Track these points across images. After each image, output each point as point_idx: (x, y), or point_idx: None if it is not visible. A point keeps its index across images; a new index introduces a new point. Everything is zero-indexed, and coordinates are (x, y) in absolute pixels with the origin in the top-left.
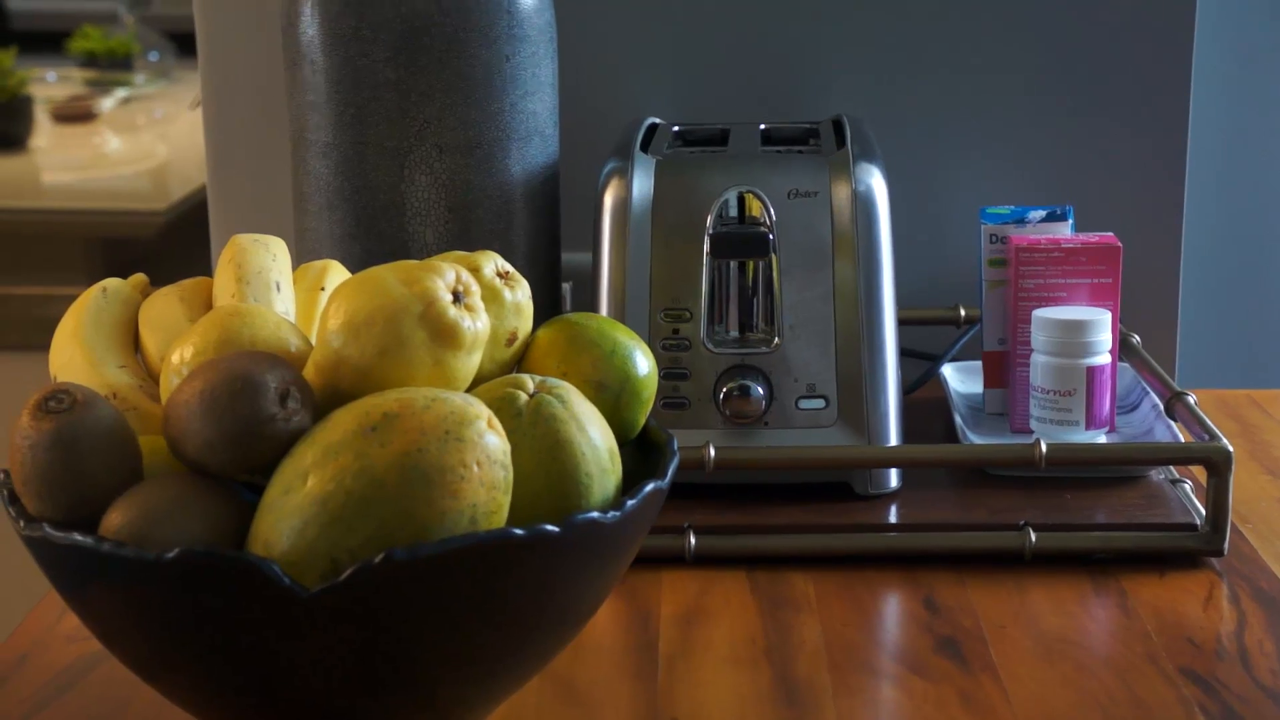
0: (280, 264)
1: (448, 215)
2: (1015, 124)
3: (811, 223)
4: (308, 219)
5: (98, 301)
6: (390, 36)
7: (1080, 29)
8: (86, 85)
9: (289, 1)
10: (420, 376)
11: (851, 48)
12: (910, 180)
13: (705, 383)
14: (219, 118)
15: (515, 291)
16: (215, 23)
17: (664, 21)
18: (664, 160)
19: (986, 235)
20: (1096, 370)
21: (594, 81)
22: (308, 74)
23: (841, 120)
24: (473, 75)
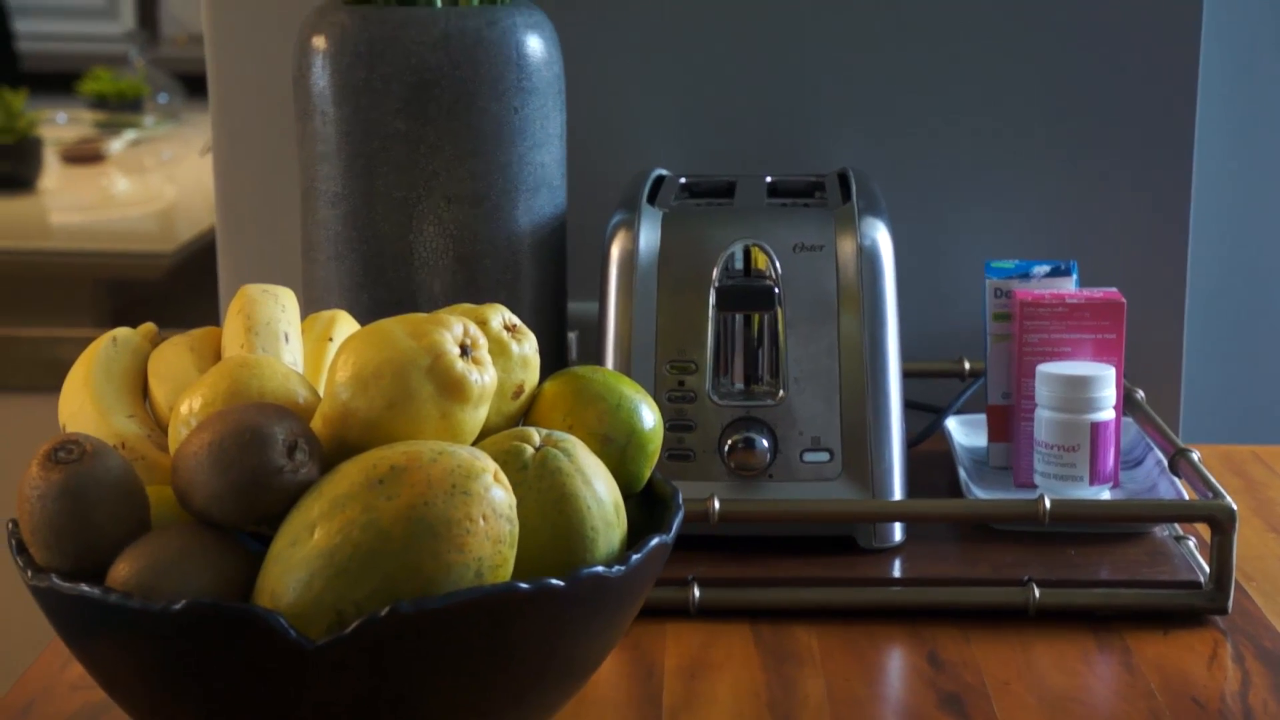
0: (289, 314)
1: (455, 265)
2: (1019, 177)
3: (817, 276)
4: (316, 268)
5: (108, 351)
6: (400, 88)
7: (1084, 83)
8: (96, 127)
9: (300, 53)
10: (427, 429)
11: (857, 101)
12: (915, 233)
13: (710, 435)
14: (229, 166)
15: (522, 344)
16: (227, 72)
17: (671, 74)
18: (670, 213)
19: (991, 289)
20: (1100, 426)
21: (602, 133)
22: (318, 125)
23: (847, 173)
24: (482, 127)
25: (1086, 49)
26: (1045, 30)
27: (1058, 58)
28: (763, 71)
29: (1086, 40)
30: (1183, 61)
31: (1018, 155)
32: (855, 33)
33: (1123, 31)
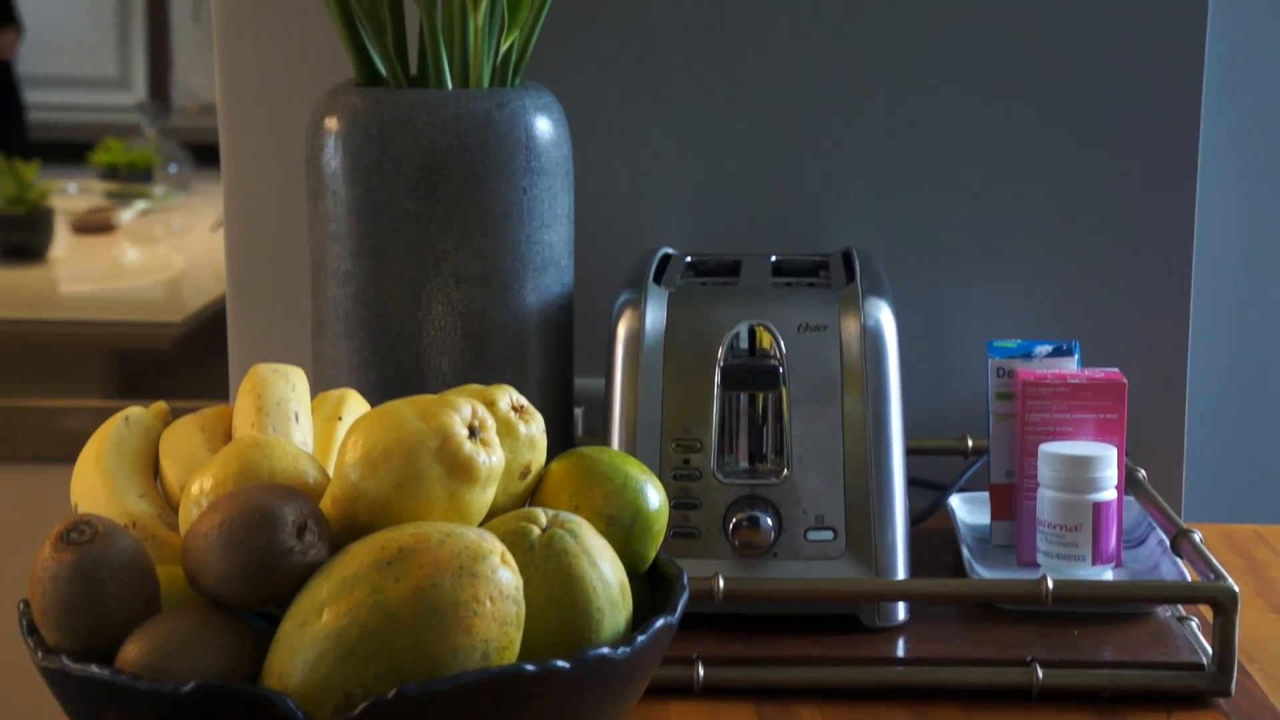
0: (299, 394)
1: (463, 343)
2: (1021, 258)
3: (821, 356)
4: (326, 345)
5: (120, 430)
6: (411, 169)
7: (1085, 166)
8: (107, 197)
9: (313, 134)
10: (436, 510)
11: (860, 181)
12: (918, 311)
13: (715, 513)
14: (240, 242)
15: (530, 425)
16: (239, 150)
17: (677, 154)
18: (676, 292)
19: (993, 369)
20: (1103, 506)
21: (608, 211)
22: (330, 205)
23: (851, 253)
24: (490, 207)
25: (1087, 132)
26: (1047, 114)
27: (1059, 141)
28: (767, 152)
29: (1087, 124)
30: (1183, 143)
31: (1019, 236)
32: (858, 115)
33: (1123, 114)
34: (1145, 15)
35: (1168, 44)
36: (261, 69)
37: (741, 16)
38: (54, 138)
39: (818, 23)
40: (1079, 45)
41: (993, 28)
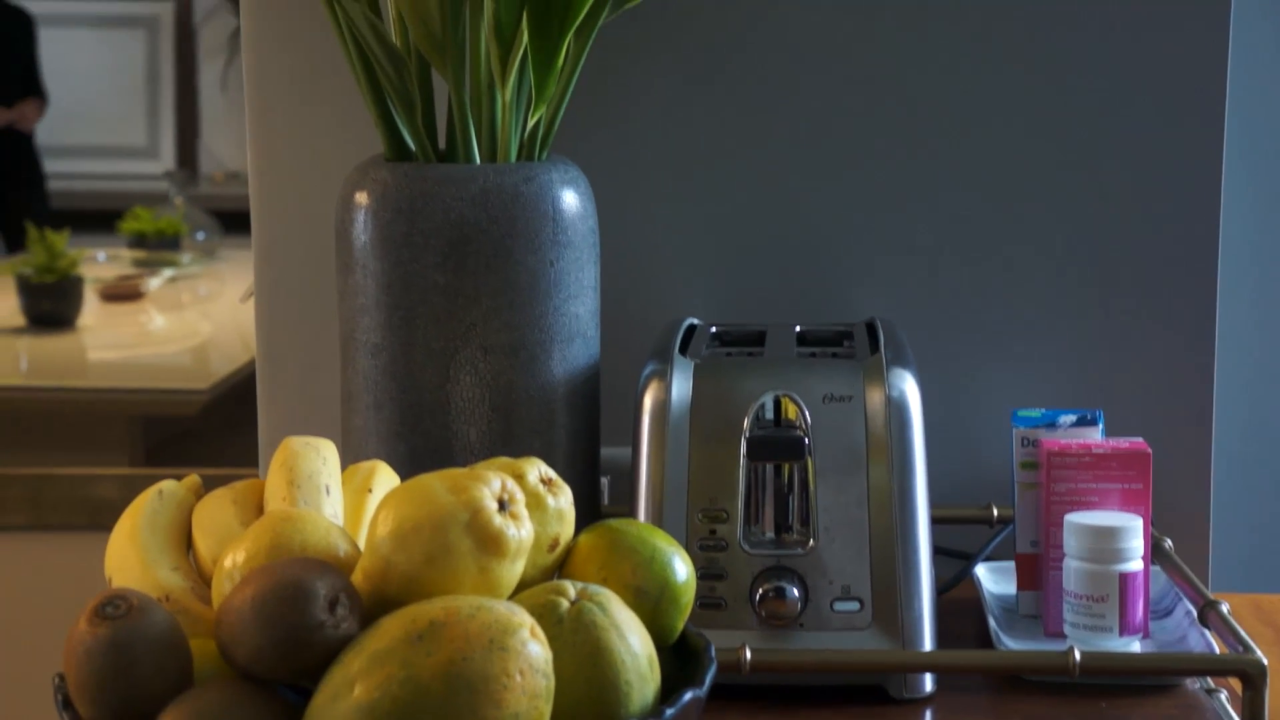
0: (330, 467)
1: (491, 414)
2: (1045, 327)
3: (846, 427)
4: (355, 417)
5: (153, 504)
6: (440, 243)
7: (1108, 236)
8: (135, 265)
9: (343, 208)
10: (466, 584)
11: (883, 250)
12: (942, 381)
13: (741, 583)
14: (270, 314)
15: (558, 498)
16: (270, 224)
17: (702, 225)
18: (702, 363)
19: (1018, 438)
20: (1129, 577)
21: (634, 282)
22: (359, 278)
23: (875, 323)
24: (518, 280)
25: (1111, 204)
26: (1070, 188)
27: (1082, 212)
28: (791, 223)
29: (1110, 196)
30: (1204, 212)
31: (1043, 305)
32: (882, 186)
33: (1146, 188)
34: (1168, 96)
35: (1189, 123)
36: (292, 143)
37: (765, 90)
38: (83, 206)
39: (842, 97)
40: (1103, 124)
41: (1018, 107)
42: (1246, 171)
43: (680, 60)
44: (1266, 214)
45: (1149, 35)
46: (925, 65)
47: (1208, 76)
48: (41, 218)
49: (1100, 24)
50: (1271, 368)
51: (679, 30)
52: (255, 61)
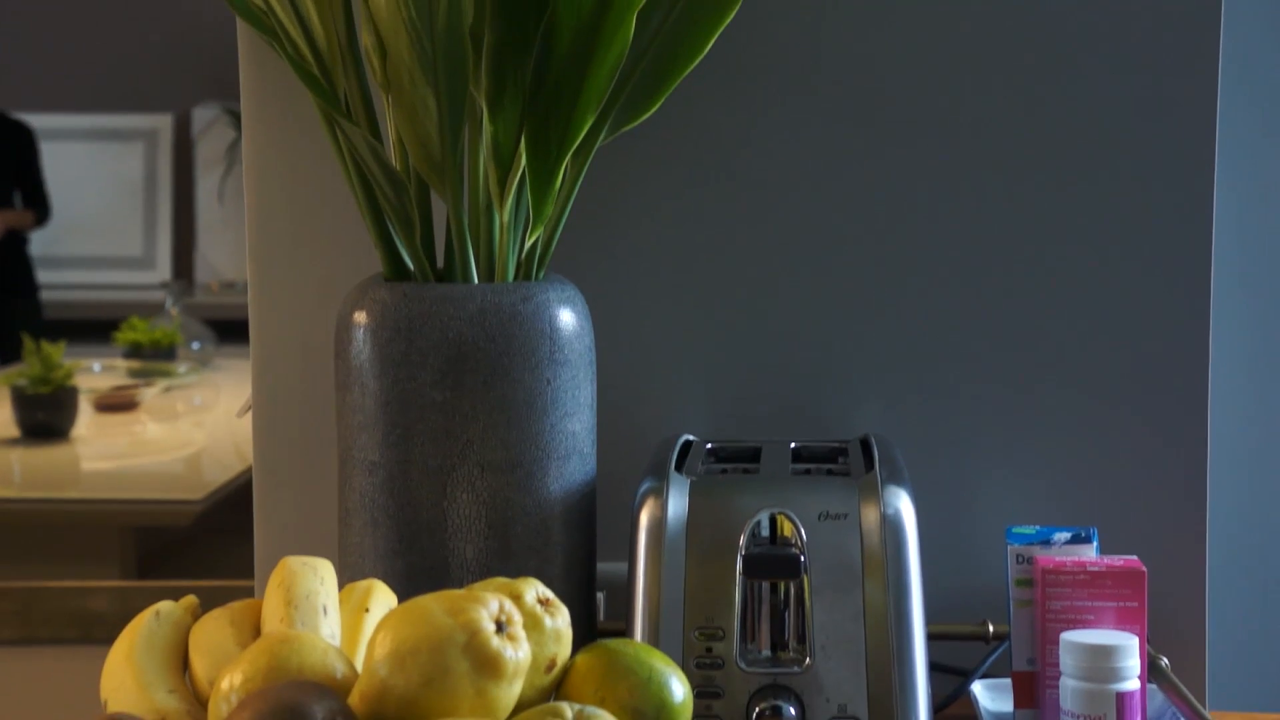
0: (328, 587)
1: (488, 532)
2: (1038, 444)
3: (842, 544)
4: (351, 534)
5: (150, 625)
6: (437, 361)
7: (1101, 349)
8: (130, 375)
9: (342, 327)
10: (464, 706)
11: (878, 366)
12: (937, 497)
13: (738, 702)
14: (268, 430)
15: (555, 619)
16: (268, 342)
17: (697, 341)
18: (698, 481)
19: (1013, 555)
20: (1126, 696)
21: (631, 398)
22: (357, 396)
23: (869, 440)
24: (515, 398)
25: (1101, 320)
26: (1062, 304)
27: (1075, 328)
28: (786, 339)
29: (1100, 312)
30: (1195, 330)
31: (1036, 423)
32: (875, 304)
33: (1134, 301)
34: (1157, 222)
35: (1178, 243)
36: (291, 260)
37: (759, 209)
38: (80, 316)
39: (835, 217)
40: (1092, 244)
41: (1011, 225)
42: (1242, 289)
43: (676, 180)
44: (1258, 329)
45: (1136, 162)
46: (917, 184)
47: (1194, 212)
48: (37, 328)
49: (1088, 143)
50: (1266, 483)
51: (675, 151)
52: (256, 180)
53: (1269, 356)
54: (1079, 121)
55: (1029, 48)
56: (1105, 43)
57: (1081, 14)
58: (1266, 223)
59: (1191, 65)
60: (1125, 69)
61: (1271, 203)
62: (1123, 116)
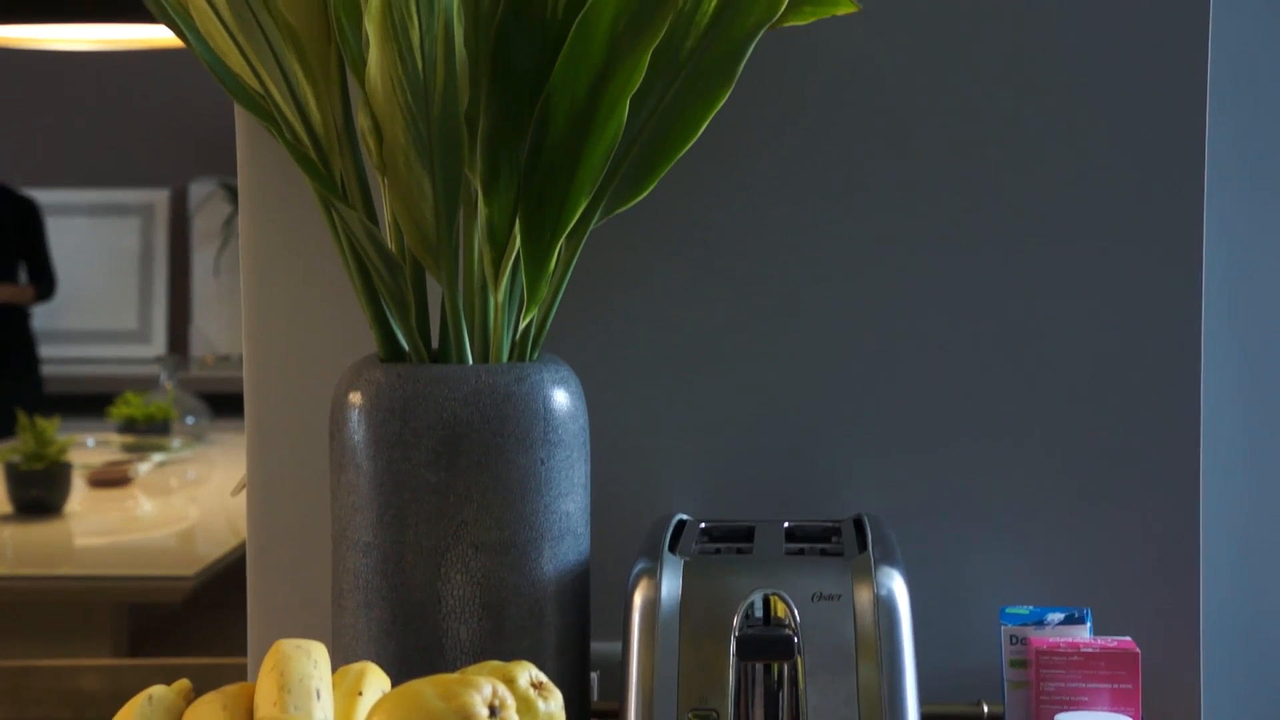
0: (321, 670)
1: (481, 612)
2: (1031, 523)
3: (835, 625)
4: (345, 615)
5: (143, 710)
6: (432, 442)
7: (1091, 430)
8: (124, 450)
9: (337, 408)
10: None
11: (871, 446)
12: (931, 575)
13: None
14: (262, 511)
15: (549, 702)
16: (264, 424)
17: (690, 421)
18: (692, 562)
19: (1007, 636)
20: None
21: (624, 477)
22: (352, 477)
23: (862, 520)
24: (509, 479)
25: (1091, 402)
26: (1053, 387)
27: (1066, 409)
28: (778, 419)
29: (1090, 393)
30: (1185, 411)
31: (1029, 503)
32: (868, 384)
33: (1125, 385)
34: (1143, 301)
35: (1165, 332)
36: (287, 339)
37: (752, 290)
38: (75, 391)
39: (828, 297)
40: (1077, 319)
41: (996, 303)
42: (1237, 385)
43: (669, 261)
44: (1250, 411)
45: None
46: (908, 265)
47: (1183, 285)
48: (37, 402)
49: (1076, 229)
50: (1259, 565)
51: (668, 232)
52: (252, 259)
53: (1261, 436)
54: (1067, 202)
55: (1019, 129)
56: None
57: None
58: (1263, 312)
59: (1178, 133)
60: (1114, 160)
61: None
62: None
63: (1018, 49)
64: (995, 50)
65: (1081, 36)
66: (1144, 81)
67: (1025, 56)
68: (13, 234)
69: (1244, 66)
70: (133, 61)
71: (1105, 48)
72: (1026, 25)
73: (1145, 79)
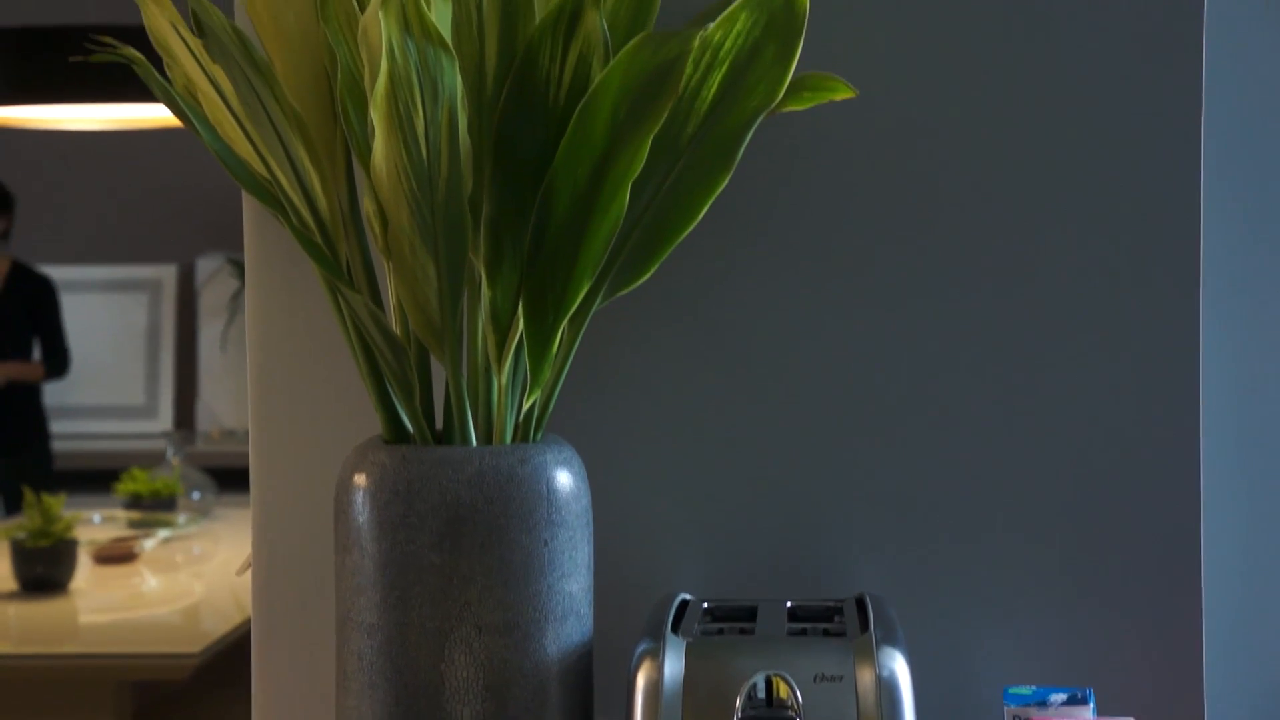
0: None
1: (484, 694)
2: (1034, 602)
3: (838, 705)
4: (349, 697)
5: None
6: (436, 523)
7: (1093, 510)
8: (130, 526)
9: (342, 490)
10: None
11: (873, 525)
12: (933, 654)
13: None
14: (267, 590)
15: None
16: (269, 504)
17: (693, 500)
18: (694, 643)
19: (1010, 716)
20: None
21: (627, 557)
22: (357, 559)
23: (864, 599)
24: (513, 560)
25: (1095, 490)
26: (1057, 466)
27: (1068, 491)
28: (781, 498)
29: (1093, 482)
30: (1185, 494)
31: (1031, 582)
32: (870, 463)
33: (1123, 474)
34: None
35: (1163, 413)
36: (293, 421)
37: (755, 371)
38: (83, 466)
39: (831, 378)
40: (1077, 399)
41: (995, 385)
42: (1233, 451)
43: (670, 342)
44: (1251, 507)
45: (1120, 321)
46: (908, 347)
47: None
48: (45, 478)
49: (1072, 317)
50: (1262, 645)
51: (669, 313)
52: (259, 340)
53: (1262, 516)
54: (1067, 295)
55: (1021, 216)
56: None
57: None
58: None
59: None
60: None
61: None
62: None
63: (1015, 133)
64: (993, 134)
65: (1081, 119)
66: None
67: (1026, 142)
68: (27, 311)
69: (1240, 72)
70: (140, 139)
71: (1101, 124)
72: (1026, 110)
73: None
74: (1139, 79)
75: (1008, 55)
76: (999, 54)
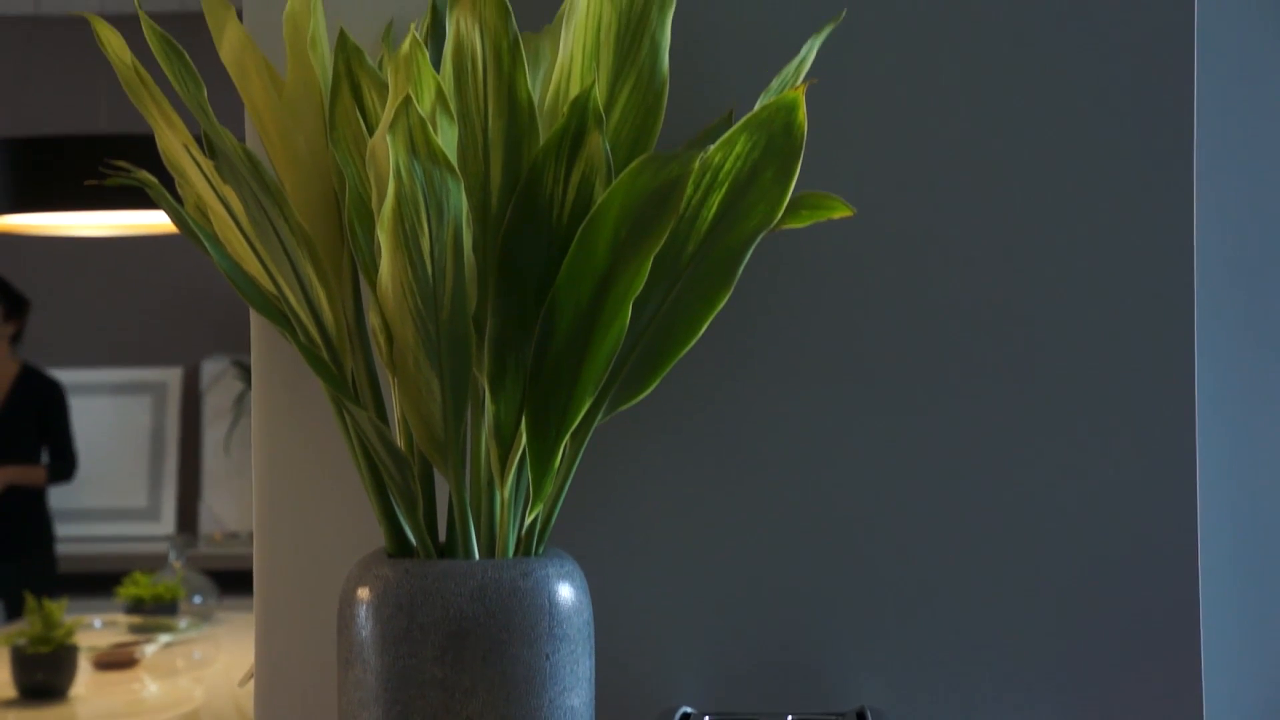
0: None
1: None
2: (1038, 714)
3: None
4: None
5: None
6: (438, 637)
7: (1095, 624)
8: (131, 631)
9: (345, 604)
10: None
11: (873, 637)
12: None
13: None
14: (270, 704)
15: None
16: (272, 617)
17: (695, 613)
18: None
19: None
20: None
21: (629, 669)
22: (359, 673)
23: (865, 713)
24: (514, 674)
25: (1094, 595)
26: (1054, 570)
27: (1072, 600)
28: (782, 611)
29: (1091, 585)
30: (1183, 578)
31: (1036, 693)
32: (871, 576)
33: (1121, 565)
34: (1140, 428)
35: (1160, 489)
36: (296, 531)
37: (756, 485)
38: (86, 569)
39: (833, 491)
40: (1075, 506)
41: (995, 494)
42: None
43: (671, 455)
44: (1246, 581)
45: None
46: (911, 455)
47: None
48: (48, 582)
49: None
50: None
51: (670, 427)
52: (264, 443)
53: (1260, 580)
54: (1066, 395)
55: (1021, 322)
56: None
57: None
58: (1252, 441)
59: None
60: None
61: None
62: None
63: (1011, 230)
64: (993, 238)
65: (1080, 224)
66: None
67: (1022, 250)
68: (36, 415)
69: (1234, 78)
70: (146, 244)
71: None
72: (1024, 217)
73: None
74: (1130, 203)
75: (1000, 165)
76: (991, 164)
